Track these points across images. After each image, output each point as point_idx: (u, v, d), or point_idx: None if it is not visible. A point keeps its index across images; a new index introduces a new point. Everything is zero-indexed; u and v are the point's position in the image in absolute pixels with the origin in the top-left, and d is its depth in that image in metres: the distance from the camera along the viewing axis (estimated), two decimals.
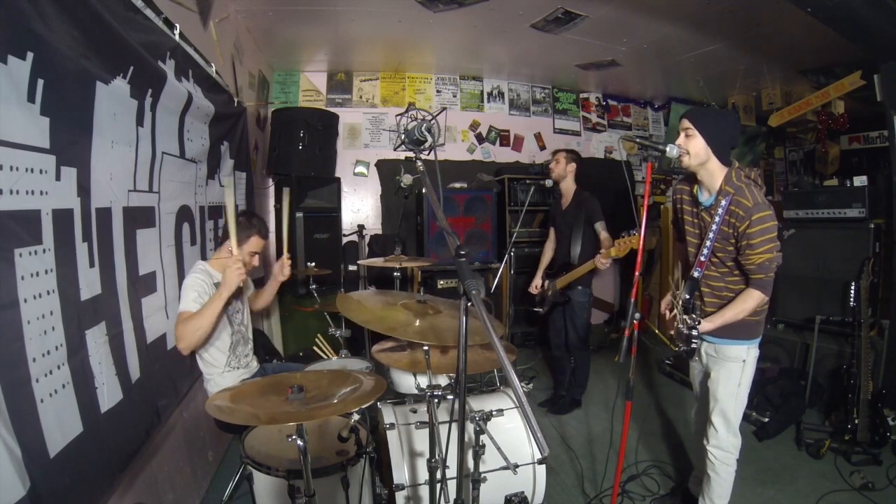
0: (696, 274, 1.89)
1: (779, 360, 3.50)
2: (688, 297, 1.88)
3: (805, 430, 2.82)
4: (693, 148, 1.81)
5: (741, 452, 1.96)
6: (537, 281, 3.45)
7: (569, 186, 3.31)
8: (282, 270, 2.53)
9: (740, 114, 5.03)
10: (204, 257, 2.51)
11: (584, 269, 3.05)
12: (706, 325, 1.82)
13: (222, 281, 1.98)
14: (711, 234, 1.83)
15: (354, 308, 1.72)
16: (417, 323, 1.59)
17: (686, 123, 1.83)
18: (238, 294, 2.32)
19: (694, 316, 1.82)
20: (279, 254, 4.06)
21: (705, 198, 1.90)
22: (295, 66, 4.74)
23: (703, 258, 1.88)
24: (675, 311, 1.89)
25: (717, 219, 1.80)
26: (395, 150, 1.65)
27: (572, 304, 3.26)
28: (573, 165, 3.28)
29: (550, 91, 5.57)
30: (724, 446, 1.93)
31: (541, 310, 3.42)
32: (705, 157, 1.81)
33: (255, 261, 2.23)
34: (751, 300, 1.78)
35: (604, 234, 3.09)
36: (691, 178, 1.97)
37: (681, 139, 1.84)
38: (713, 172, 1.83)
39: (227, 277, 1.96)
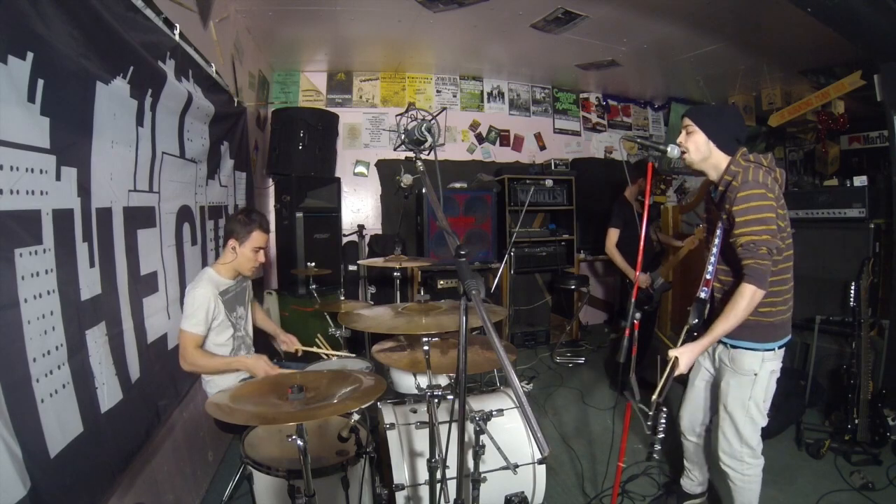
0: (702, 294, 1.76)
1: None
2: (696, 321, 1.73)
3: (805, 430, 2.82)
4: (693, 144, 1.79)
5: None
6: (645, 276, 3.40)
7: None
8: (286, 343, 2.49)
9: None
10: (205, 257, 2.51)
11: (686, 250, 3.39)
12: (688, 353, 1.63)
13: (253, 370, 2.06)
14: (717, 241, 1.75)
15: (357, 320, 1.74)
16: (424, 321, 1.59)
17: (686, 121, 1.82)
18: (242, 301, 2.32)
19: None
20: (279, 254, 4.08)
21: (714, 192, 1.86)
22: (295, 66, 4.74)
23: (708, 275, 1.76)
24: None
25: (723, 214, 1.73)
26: (395, 150, 1.65)
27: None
28: None
29: (550, 91, 5.57)
30: (738, 456, 1.82)
31: (648, 307, 3.49)
32: (707, 152, 1.77)
33: (261, 256, 2.21)
34: (741, 298, 1.61)
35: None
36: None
37: (681, 137, 1.83)
38: (718, 166, 1.78)
39: (257, 371, 2.05)
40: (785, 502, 2.32)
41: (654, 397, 1.41)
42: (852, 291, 2.91)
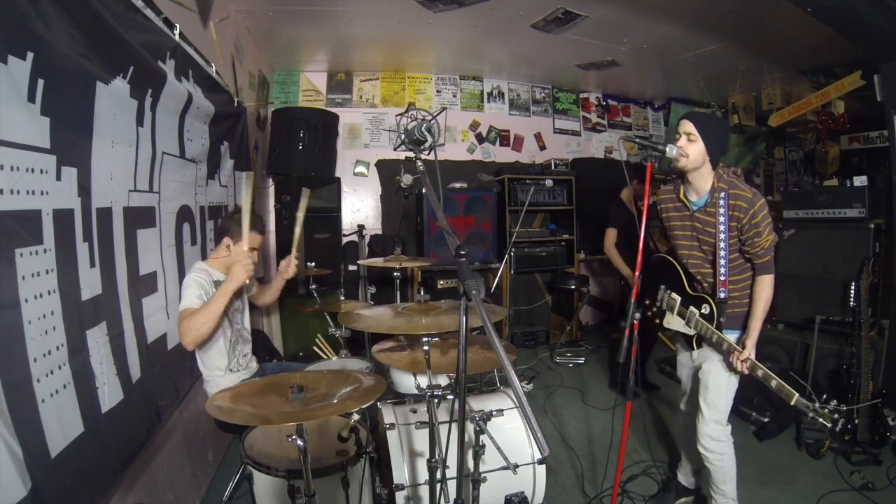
0: (721, 295, 1.89)
1: (779, 360, 3.49)
2: (722, 320, 1.89)
3: (805, 430, 2.82)
4: (693, 153, 1.84)
5: (741, 452, 1.96)
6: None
7: None
8: (287, 268, 2.49)
9: (740, 114, 5.05)
10: (204, 257, 2.51)
11: None
12: (753, 347, 1.81)
13: (229, 275, 1.97)
14: (723, 244, 1.85)
15: (357, 320, 1.74)
16: (424, 321, 1.60)
17: (689, 127, 1.84)
18: (239, 293, 2.32)
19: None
20: (279, 254, 4.08)
21: (696, 198, 1.94)
22: (295, 66, 4.74)
23: (722, 277, 1.88)
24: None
25: (721, 218, 1.83)
26: (395, 150, 1.65)
27: None
28: None
29: (550, 91, 5.58)
30: (713, 435, 1.94)
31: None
32: (701, 163, 1.85)
33: (254, 257, 2.21)
34: (766, 286, 1.83)
35: None
36: (675, 184, 2.02)
37: (682, 141, 1.86)
38: (705, 176, 1.89)
39: (235, 272, 1.95)
40: (785, 502, 2.32)
41: (794, 400, 1.67)
42: (852, 291, 2.91)
